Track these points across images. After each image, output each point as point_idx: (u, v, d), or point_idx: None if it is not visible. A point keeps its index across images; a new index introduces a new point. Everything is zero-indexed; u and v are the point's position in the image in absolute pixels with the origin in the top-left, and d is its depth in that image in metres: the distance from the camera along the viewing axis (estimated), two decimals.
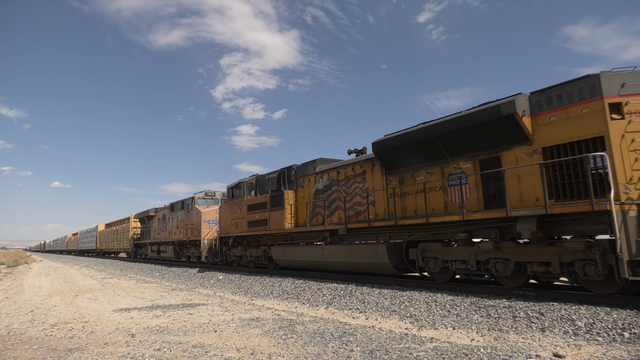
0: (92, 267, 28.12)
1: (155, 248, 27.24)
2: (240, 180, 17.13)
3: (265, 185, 15.71)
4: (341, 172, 12.61)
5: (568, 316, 6.24)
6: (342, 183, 12.45)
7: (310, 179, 13.79)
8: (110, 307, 9.63)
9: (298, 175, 14.26)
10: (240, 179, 17.19)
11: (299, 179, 14.19)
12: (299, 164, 14.42)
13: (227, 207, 18.12)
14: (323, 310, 8.78)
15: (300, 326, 6.92)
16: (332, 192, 12.77)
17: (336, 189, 12.64)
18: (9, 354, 5.66)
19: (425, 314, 7.46)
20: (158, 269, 22.10)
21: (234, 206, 17.33)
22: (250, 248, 16.66)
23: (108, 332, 6.83)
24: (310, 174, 13.83)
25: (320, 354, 5.17)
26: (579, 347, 5.24)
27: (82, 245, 57.64)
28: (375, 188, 11.25)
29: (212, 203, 22.36)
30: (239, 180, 17.23)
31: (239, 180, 17.23)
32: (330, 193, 12.80)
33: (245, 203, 16.34)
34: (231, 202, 17.74)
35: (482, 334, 6.14)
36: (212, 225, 20.73)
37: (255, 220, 15.51)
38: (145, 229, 30.59)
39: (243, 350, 5.46)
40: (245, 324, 7.25)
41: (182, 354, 5.34)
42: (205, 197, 22.52)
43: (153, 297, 11.26)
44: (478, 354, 4.94)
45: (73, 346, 5.96)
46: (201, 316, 8.14)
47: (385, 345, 5.51)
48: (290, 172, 14.59)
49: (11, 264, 31.83)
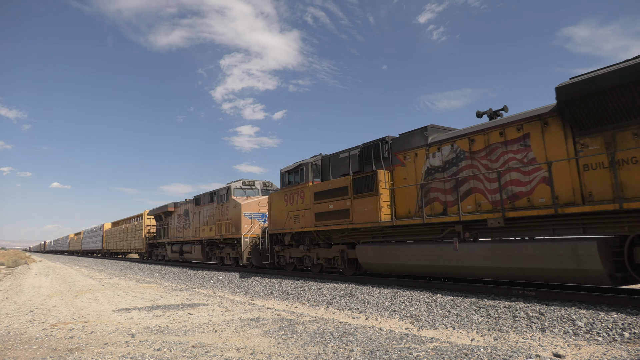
0: (92, 267, 28.11)
1: (177, 248, 23.78)
2: (299, 162, 13.61)
3: (340, 166, 12.30)
4: (477, 139, 9.08)
5: (568, 316, 6.24)
6: (481, 155, 8.99)
7: (418, 154, 10.29)
8: (110, 307, 9.63)
9: (394, 149, 10.85)
10: (299, 161, 13.70)
11: (396, 154, 10.77)
12: (394, 136, 11.13)
13: (280, 196, 14.43)
14: (323, 310, 8.78)
15: (300, 326, 6.92)
16: (461, 168, 9.32)
17: (468, 164, 9.21)
18: (8, 354, 5.66)
19: (425, 314, 7.46)
20: (158, 269, 22.10)
21: (292, 195, 13.72)
22: (316, 248, 13.05)
23: (108, 332, 6.83)
24: (418, 146, 10.33)
25: (320, 354, 5.17)
26: (579, 347, 5.24)
27: (85, 246, 54.82)
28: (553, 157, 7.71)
29: (251, 194, 18.92)
30: (298, 162, 13.69)
31: (298, 162, 13.69)
32: (458, 170, 9.37)
33: (311, 190, 12.68)
34: (287, 190, 14.01)
35: (482, 333, 6.14)
36: (254, 220, 17.34)
37: (329, 212, 11.87)
38: (162, 226, 27.07)
39: (243, 350, 5.46)
40: (245, 324, 7.25)
41: (182, 354, 5.34)
42: (243, 186, 19.00)
43: (153, 297, 11.26)
44: (478, 354, 4.95)
45: (73, 346, 5.96)
46: (201, 316, 8.14)
47: (386, 345, 5.51)
48: (382, 146, 11.14)
49: (11, 264, 31.82)
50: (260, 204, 17.68)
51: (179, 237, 23.90)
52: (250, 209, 17.43)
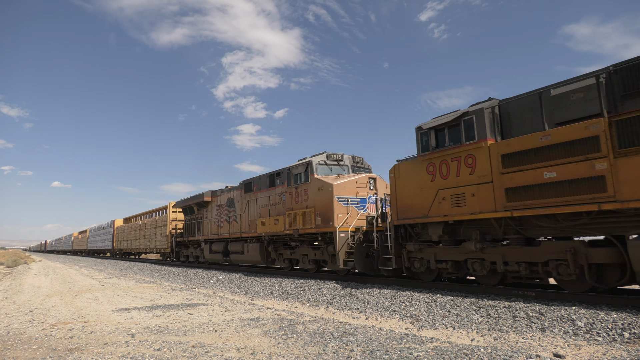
0: (92, 267, 28.10)
1: (219, 247, 18.86)
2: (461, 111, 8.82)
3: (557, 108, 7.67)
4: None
5: (568, 316, 6.24)
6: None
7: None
8: (110, 307, 9.62)
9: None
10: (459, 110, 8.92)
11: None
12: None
13: (416, 167, 9.73)
14: (323, 310, 8.78)
15: (300, 326, 6.92)
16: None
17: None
18: (8, 354, 5.65)
19: (425, 314, 7.46)
20: (158, 268, 22.08)
21: (445, 163, 9.04)
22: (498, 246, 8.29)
23: (108, 332, 6.82)
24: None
25: (321, 354, 5.17)
26: (579, 347, 5.25)
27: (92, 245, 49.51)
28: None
29: (339, 171, 13.85)
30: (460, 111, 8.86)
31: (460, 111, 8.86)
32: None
33: (494, 151, 8.06)
34: (433, 155, 9.29)
35: (482, 334, 6.14)
36: (351, 208, 12.48)
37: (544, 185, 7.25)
38: (193, 221, 22.45)
39: (243, 350, 5.46)
40: (245, 324, 7.25)
41: (182, 354, 5.34)
42: (327, 161, 13.74)
43: (153, 297, 11.25)
44: (478, 354, 4.94)
45: (73, 346, 5.95)
46: (201, 316, 8.13)
47: (386, 345, 5.51)
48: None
49: (10, 264, 31.81)
50: (359, 184, 12.91)
51: (220, 234, 19.16)
52: (345, 192, 12.57)
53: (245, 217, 17.12)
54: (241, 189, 17.78)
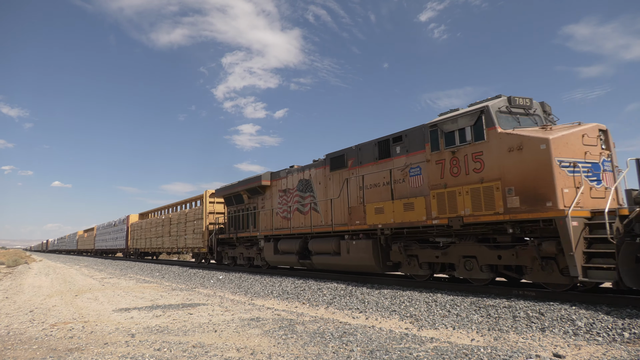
0: (92, 267, 28.12)
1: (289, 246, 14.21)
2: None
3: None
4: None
5: (568, 316, 6.24)
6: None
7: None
8: (110, 307, 9.63)
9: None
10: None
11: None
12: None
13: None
14: (323, 310, 8.78)
15: (300, 326, 6.92)
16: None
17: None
18: (8, 354, 5.66)
19: (425, 314, 7.46)
20: (158, 268, 22.08)
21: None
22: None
23: (108, 332, 6.83)
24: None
25: (321, 354, 5.17)
26: (579, 347, 5.24)
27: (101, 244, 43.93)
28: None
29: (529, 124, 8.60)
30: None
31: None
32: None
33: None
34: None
35: (482, 333, 6.14)
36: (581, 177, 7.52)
37: None
38: (241, 212, 17.95)
39: (243, 350, 5.46)
40: (245, 323, 7.25)
41: (182, 354, 5.34)
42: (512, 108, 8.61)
43: (153, 297, 11.26)
44: (478, 354, 4.94)
45: (73, 346, 5.95)
46: (201, 316, 8.14)
47: (386, 345, 5.51)
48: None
49: (11, 263, 31.83)
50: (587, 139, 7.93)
51: (292, 227, 14.44)
52: (570, 152, 7.63)
53: (339, 203, 12.46)
54: (324, 166, 13.32)
